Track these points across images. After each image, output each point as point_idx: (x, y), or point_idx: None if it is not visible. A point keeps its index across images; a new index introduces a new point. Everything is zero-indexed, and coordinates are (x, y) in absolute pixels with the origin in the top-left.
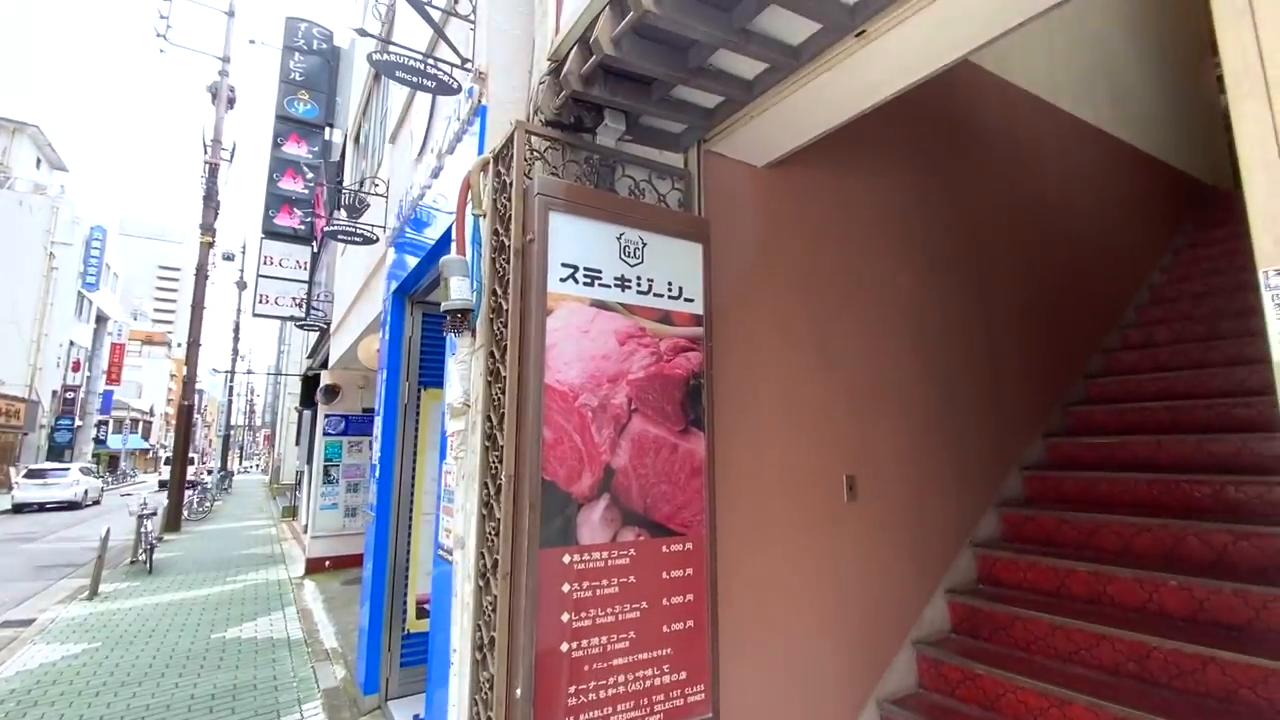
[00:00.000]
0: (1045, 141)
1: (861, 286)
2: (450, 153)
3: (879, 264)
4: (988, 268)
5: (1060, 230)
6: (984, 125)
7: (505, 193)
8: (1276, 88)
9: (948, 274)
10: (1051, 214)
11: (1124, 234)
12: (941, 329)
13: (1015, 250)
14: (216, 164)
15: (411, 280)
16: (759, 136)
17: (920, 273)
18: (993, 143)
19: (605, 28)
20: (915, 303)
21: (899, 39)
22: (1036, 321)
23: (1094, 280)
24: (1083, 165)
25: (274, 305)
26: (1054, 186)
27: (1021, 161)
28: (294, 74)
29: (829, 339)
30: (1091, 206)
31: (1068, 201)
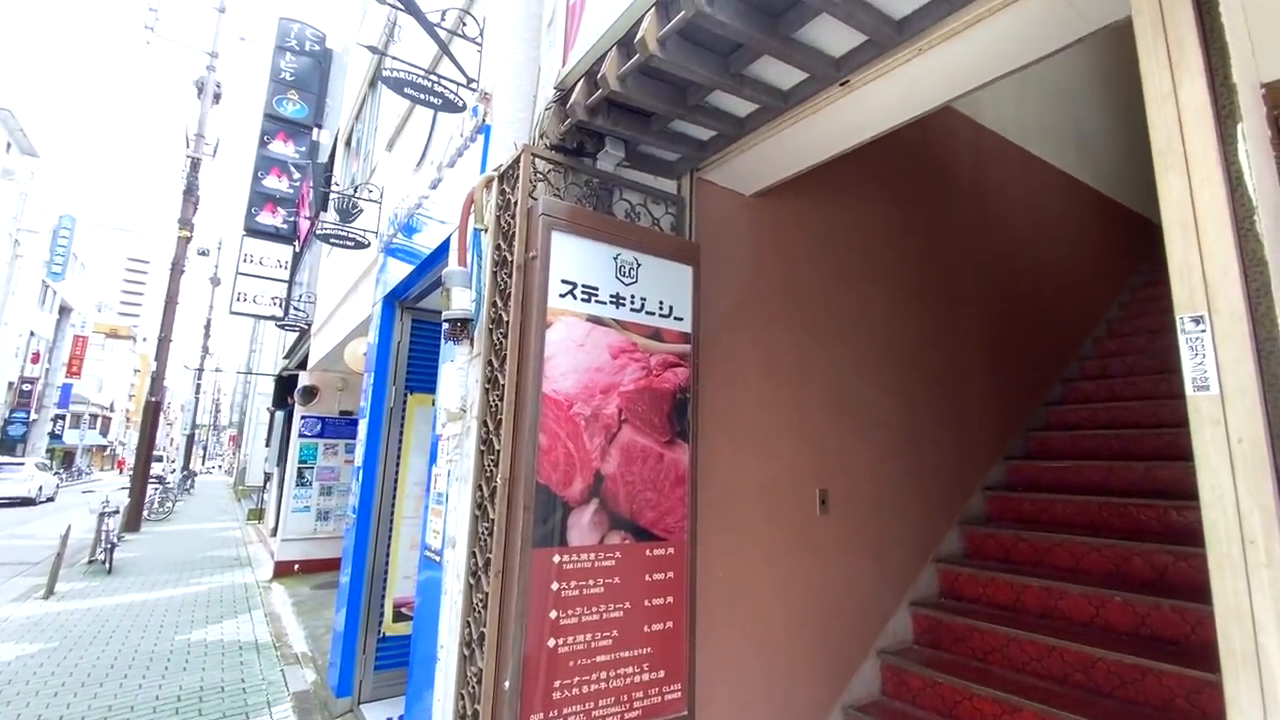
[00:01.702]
0: (1012, 181)
1: (838, 311)
2: (451, 166)
3: (855, 291)
4: (956, 298)
5: (1025, 265)
6: (956, 163)
7: (509, 210)
8: (1193, 163)
9: (919, 303)
10: (1017, 249)
11: (1084, 271)
12: (912, 355)
13: (982, 282)
14: (199, 159)
15: (403, 287)
16: (748, 167)
17: (893, 301)
18: (964, 180)
19: (612, 65)
20: (888, 329)
21: (879, 89)
22: (1001, 350)
23: (1056, 313)
24: (1047, 204)
25: (252, 303)
26: (1020, 224)
27: (990, 199)
28: (284, 74)
29: (807, 360)
30: (1054, 244)
31: (1032, 238)
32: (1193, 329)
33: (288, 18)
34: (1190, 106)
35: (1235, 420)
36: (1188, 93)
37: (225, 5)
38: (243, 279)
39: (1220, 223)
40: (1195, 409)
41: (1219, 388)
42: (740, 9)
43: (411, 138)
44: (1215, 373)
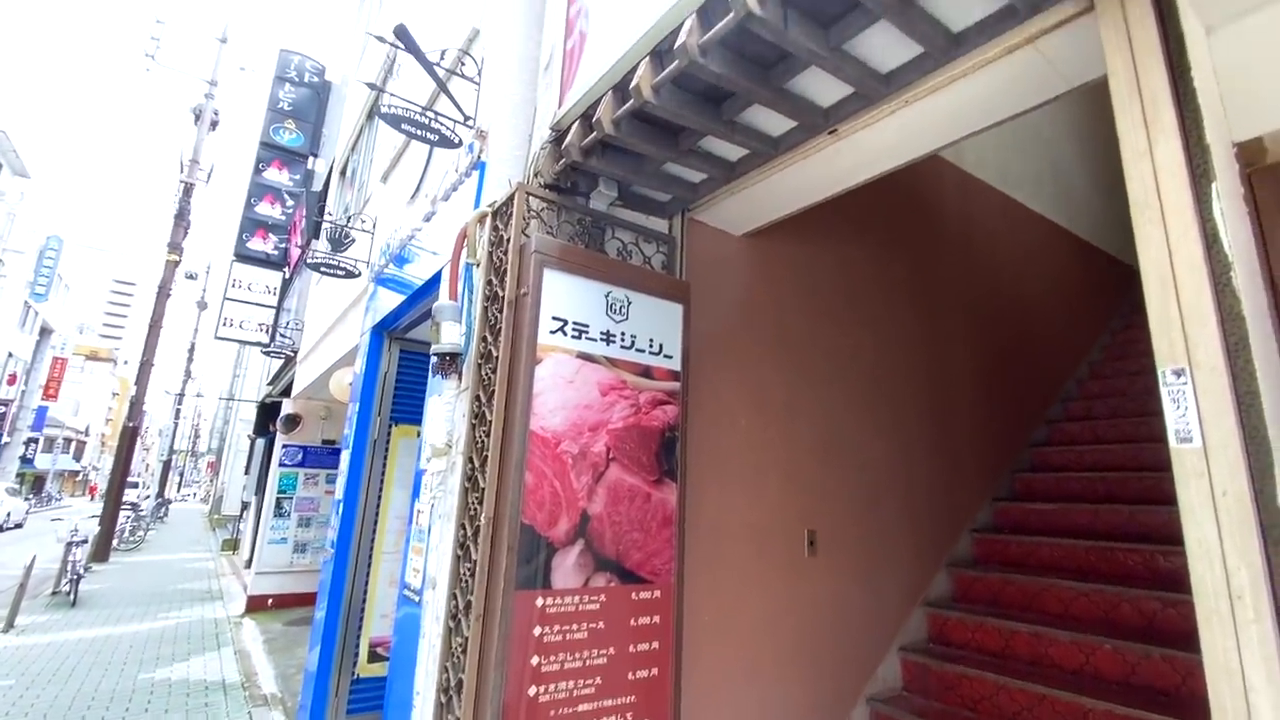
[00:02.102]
0: (997, 225)
1: (826, 352)
2: (445, 200)
3: (843, 331)
4: (943, 339)
5: (1009, 307)
6: (941, 207)
7: (502, 247)
8: (1170, 219)
9: (906, 344)
10: (1001, 292)
11: (1067, 313)
12: (899, 396)
13: (968, 324)
14: (192, 184)
15: (392, 318)
16: (738, 209)
17: (881, 341)
18: (949, 223)
19: (607, 109)
20: (875, 370)
21: (867, 138)
22: (987, 392)
23: (1040, 355)
24: (1030, 248)
25: (238, 329)
26: (1003, 266)
27: (974, 242)
28: (282, 103)
29: (795, 399)
30: (1037, 287)
31: (1015, 281)
32: (1174, 381)
33: (288, 50)
34: (1166, 165)
35: (1219, 474)
36: (1163, 151)
37: (227, 36)
38: (230, 304)
39: (1198, 278)
40: (1179, 461)
41: (1202, 441)
42: (733, 60)
43: (407, 171)
44: (1198, 425)
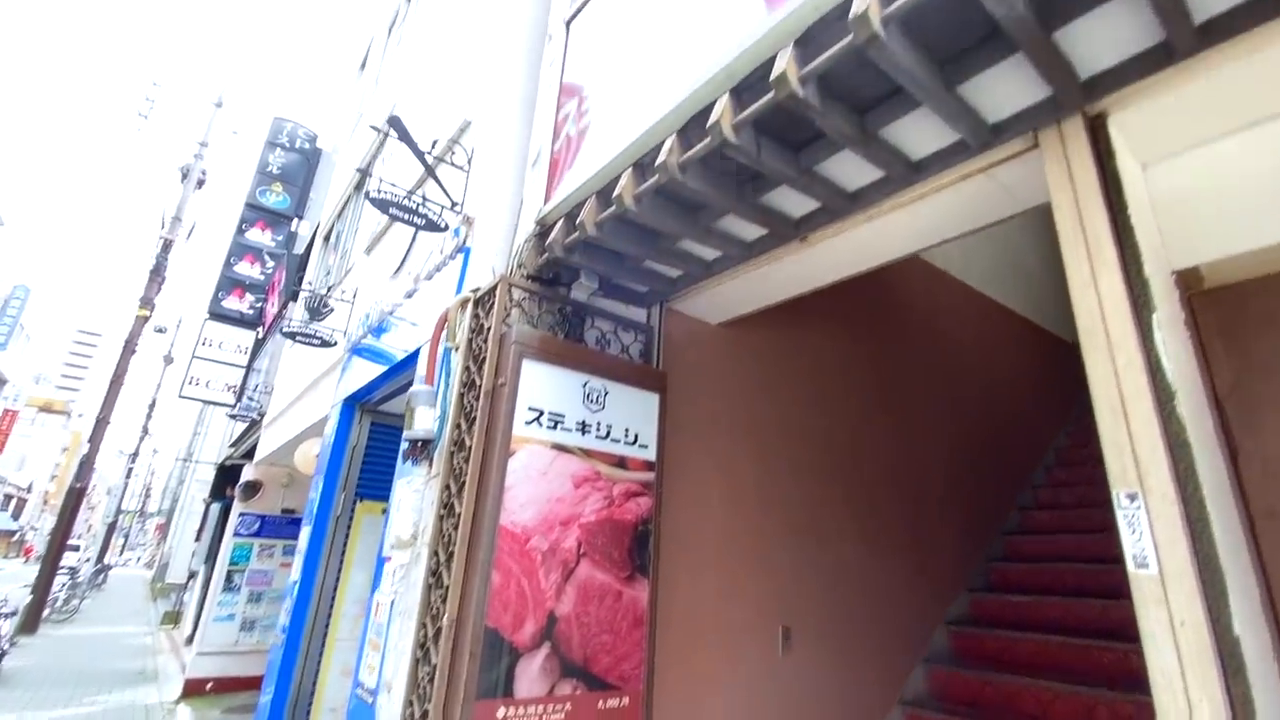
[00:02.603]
0: (963, 315)
1: (801, 440)
2: (428, 279)
3: (817, 419)
4: (913, 427)
5: (977, 395)
6: (911, 299)
7: (482, 335)
8: (1116, 348)
9: (878, 432)
10: (970, 380)
11: (1033, 400)
12: (873, 484)
13: (937, 412)
14: (172, 240)
15: (366, 390)
16: (714, 300)
17: (854, 430)
18: (918, 314)
19: (590, 213)
20: (849, 459)
21: (835, 246)
22: (959, 479)
23: (1009, 442)
24: (995, 338)
25: (204, 388)
26: (971, 355)
27: (942, 331)
28: (271, 167)
29: (770, 488)
30: (1004, 375)
31: (983, 369)
32: (1129, 505)
33: (282, 117)
34: (1109, 296)
35: (1176, 603)
36: (1106, 283)
37: (223, 100)
38: (198, 363)
39: (1144, 405)
40: (1138, 587)
41: (1158, 568)
42: (709, 176)
43: (391, 245)
44: (1154, 552)
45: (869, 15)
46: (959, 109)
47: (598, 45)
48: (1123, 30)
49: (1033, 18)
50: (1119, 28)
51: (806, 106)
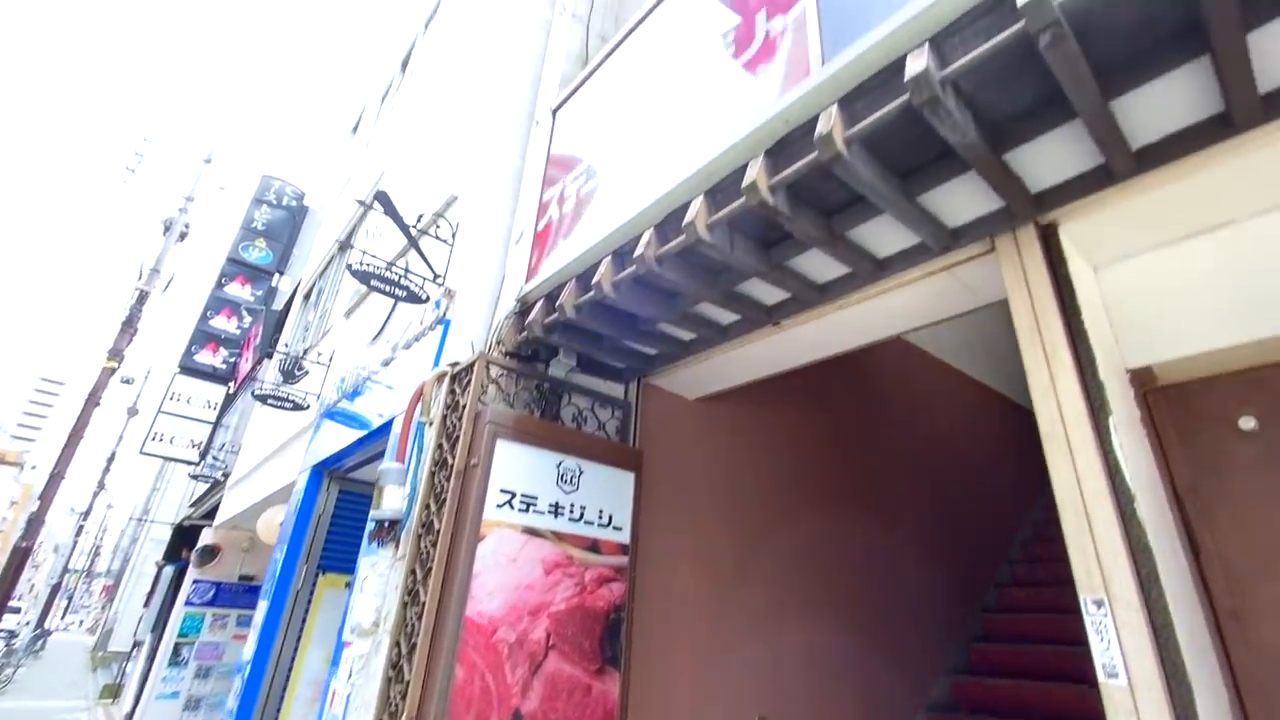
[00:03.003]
0: (936, 390)
1: (778, 519)
2: (406, 349)
3: (794, 496)
4: (891, 503)
5: (951, 467)
6: (886, 373)
7: (457, 412)
8: (1077, 452)
9: (856, 508)
10: (943, 452)
11: (1005, 474)
12: (851, 566)
13: (915, 488)
14: (148, 292)
15: (337, 457)
16: (691, 377)
17: (831, 507)
18: (893, 388)
19: (570, 296)
20: (827, 537)
21: (807, 331)
22: (937, 556)
23: (985, 517)
24: (967, 411)
25: (168, 444)
26: (945, 429)
27: (917, 406)
28: (256, 223)
29: (746, 572)
30: (977, 449)
31: (956, 442)
32: (1095, 612)
33: (270, 175)
34: (1068, 400)
35: (1147, 714)
36: (1064, 387)
37: (212, 157)
38: (164, 418)
39: (1106, 509)
40: (1109, 697)
41: (1127, 678)
42: (685, 268)
43: (371, 311)
44: (1122, 661)
45: (833, 136)
46: (920, 216)
47: (582, 135)
48: (1067, 154)
49: (983, 143)
50: (1064, 152)
51: (776, 212)
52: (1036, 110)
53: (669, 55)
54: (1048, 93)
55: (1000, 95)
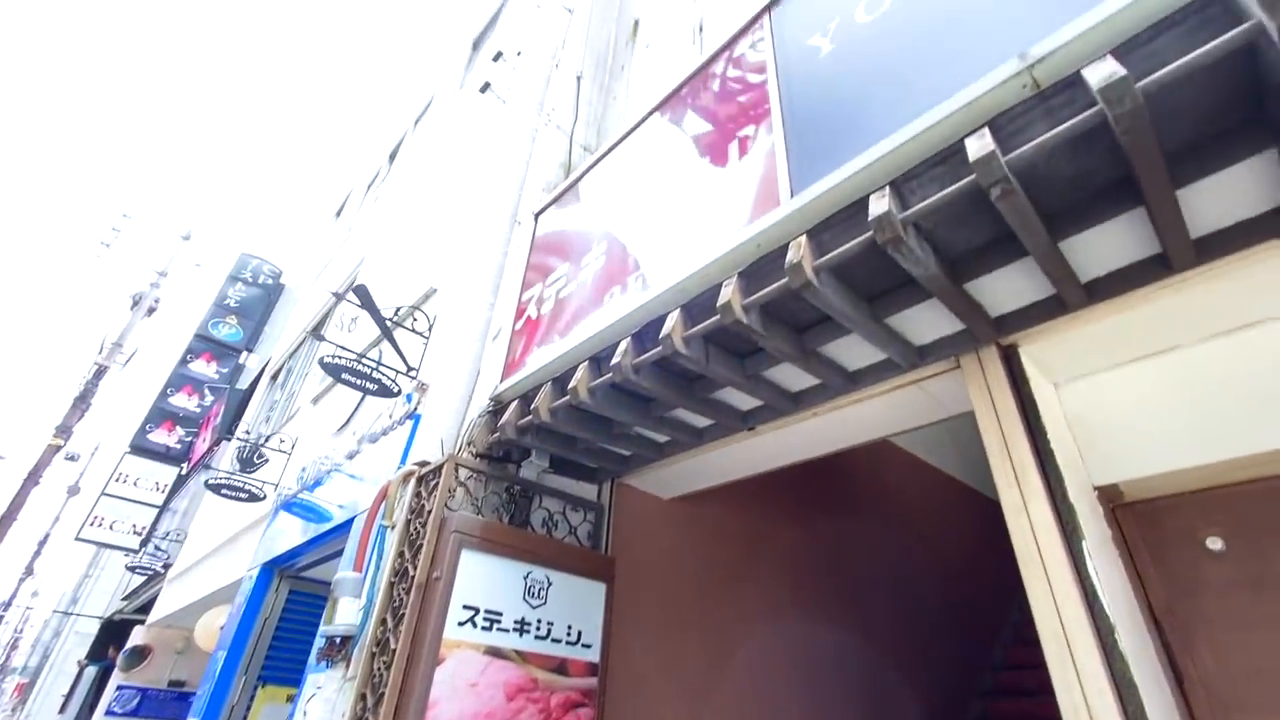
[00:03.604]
0: (914, 486)
1: (752, 623)
2: (373, 443)
3: (768, 599)
4: (869, 605)
5: (931, 569)
6: (862, 470)
7: (422, 517)
8: (1053, 577)
9: (836, 611)
10: (921, 553)
11: (990, 562)
12: (832, 676)
13: (894, 589)
14: (107, 367)
15: (290, 554)
16: (666, 477)
17: (808, 609)
18: (870, 485)
19: (545, 399)
20: (800, 642)
21: (782, 437)
22: (918, 662)
23: (970, 606)
24: (946, 509)
25: (108, 530)
26: (922, 527)
27: (894, 503)
28: (229, 300)
29: (720, 683)
30: (958, 547)
31: (935, 541)
32: None
33: (249, 253)
34: (1040, 523)
35: None
36: (1035, 509)
37: (191, 234)
38: (106, 501)
39: (1087, 642)
40: None
41: None
42: (660, 376)
43: (339, 399)
44: None
45: (803, 266)
46: (887, 336)
47: (563, 239)
48: (1023, 285)
49: (944, 275)
50: (1020, 283)
51: (750, 330)
52: (992, 247)
53: (647, 171)
54: (1002, 232)
55: (958, 233)
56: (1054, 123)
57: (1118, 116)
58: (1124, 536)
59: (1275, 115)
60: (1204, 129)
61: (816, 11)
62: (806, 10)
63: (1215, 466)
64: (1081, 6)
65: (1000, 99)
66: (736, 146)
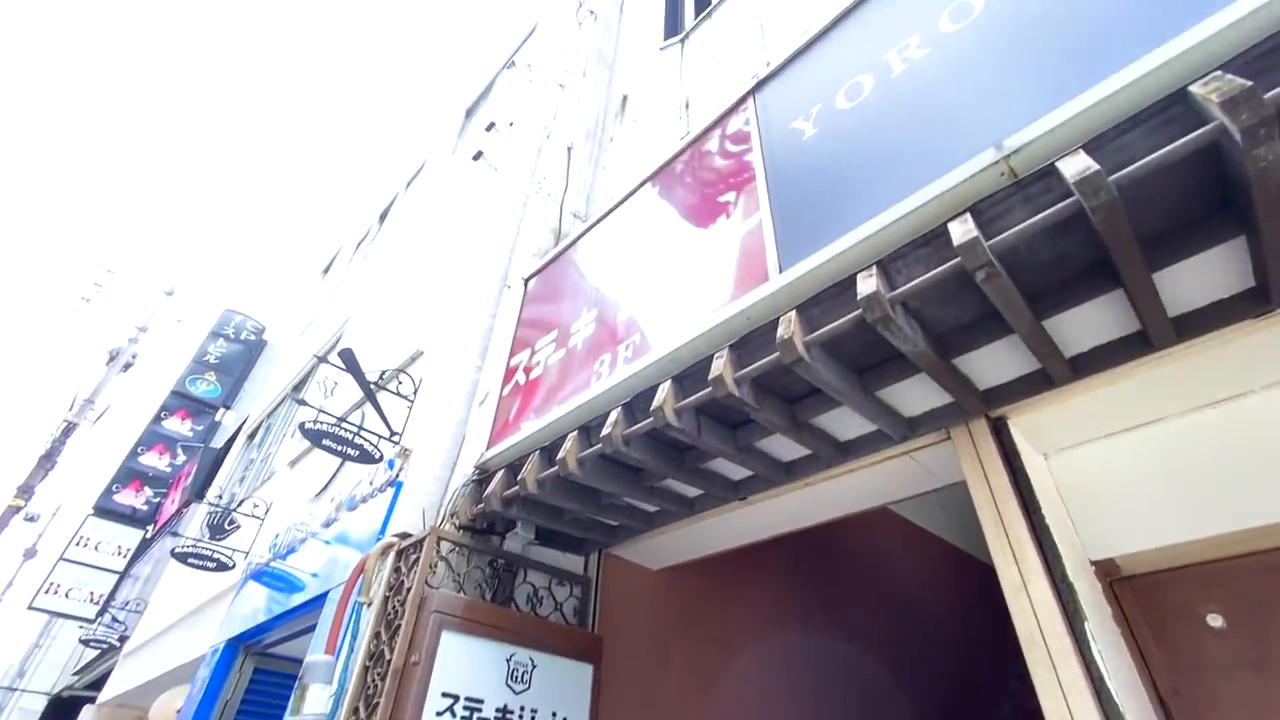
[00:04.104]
0: (912, 553)
1: (744, 699)
2: (352, 510)
3: (760, 671)
4: (865, 670)
5: (930, 629)
6: (858, 537)
7: (400, 595)
8: (1058, 661)
9: (832, 682)
10: (920, 615)
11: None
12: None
13: (892, 658)
14: (77, 424)
15: (257, 630)
16: (656, 548)
17: (805, 683)
18: (865, 552)
19: (532, 469)
20: (801, 716)
21: (774, 506)
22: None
23: (968, 670)
24: (945, 577)
25: (63, 598)
26: (921, 596)
27: (892, 571)
28: (209, 356)
29: None
30: (950, 606)
31: (931, 602)
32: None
33: (233, 309)
34: (1041, 602)
35: None
36: (1036, 589)
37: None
38: (64, 567)
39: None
40: None
41: None
42: (651, 447)
43: (318, 463)
44: None
45: (794, 341)
46: (878, 409)
47: (553, 305)
48: (1010, 360)
49: (932, 351)
50: (1007, 358)
51: (742, 403)
52: (978, 324)
53: (637, 241)
54: (987, 310)
55: (944, 311)
56: (1033, 209)
57: (1094, 208)
58: (1124, 613)
59: (1241, 206)
60: (1176, 217)
61: (798, 97)
62: (789, 95)
63: (1209, 541)
64: (1051, 102)
65: (980, 186)
66: (724, 220)
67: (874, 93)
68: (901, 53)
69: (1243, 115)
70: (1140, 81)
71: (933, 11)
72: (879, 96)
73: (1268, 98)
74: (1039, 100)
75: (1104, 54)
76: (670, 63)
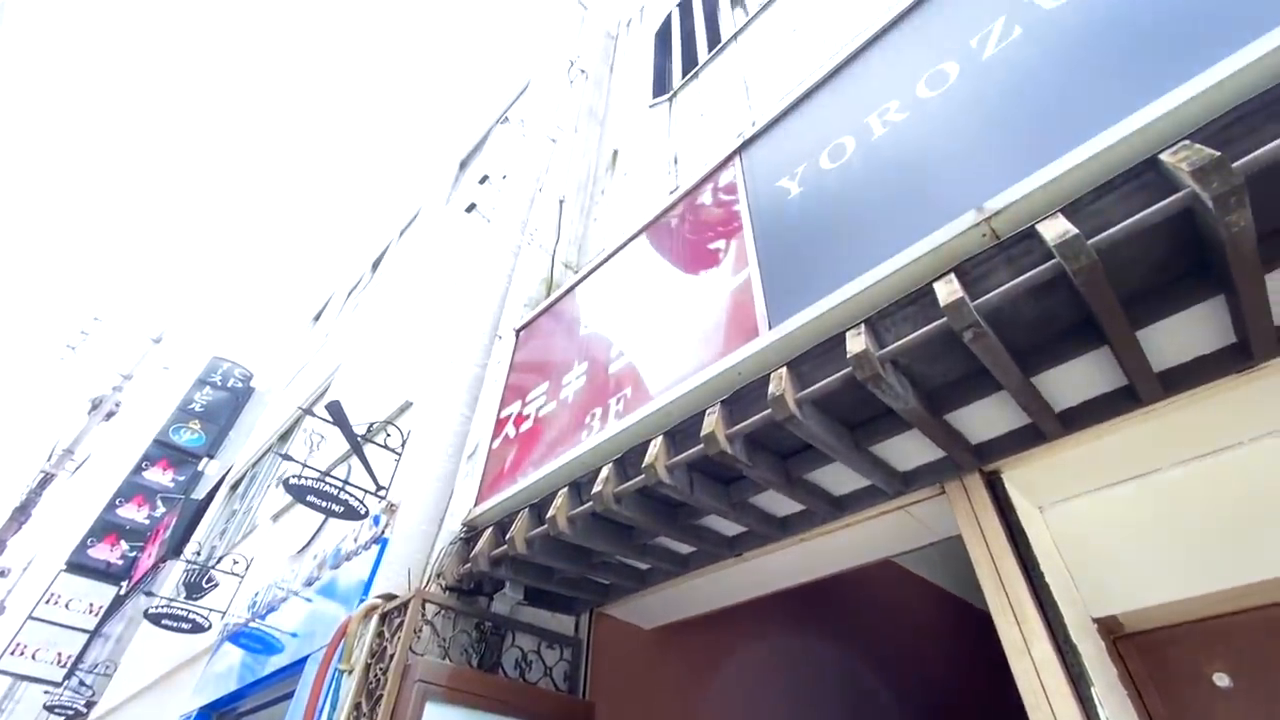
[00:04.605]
0: (903, 601)
1: None
2: (335, 568)
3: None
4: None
5: (931, 681)
6: (857, 589)
7: (383, 662)
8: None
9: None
10: (919, 667)
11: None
12: None
13: (890, 703)
14: (54, 475)
15: (232, 696)
16: (648, 607)
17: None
18: (857, 603)
19: (521, 528)
20: None
21: (769, 563)
22: None
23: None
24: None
25: (29, 660)
26: (917, 642)
27: (893, 624)
28: (194, 404)
29: None
30: (951, 656)
31: (931, 655)
32: None
33: (220, 357)
34: (1044, 664)
35: None
36: (1038, 650)
37: (162, 337)
38: (32, 626)
39: None
40: None
41: None
42: (643, 504)
43: (301, 518)
44: None
45: (785, 399)
46: (871, 464)
47: (544, 358)
48: (1000, 415)
49: (923, 408)
50: (998, 414)
51: (735, 460)
52: (968, 380)
53: (628, 294)
54: (975, 367)
55: (934, 368)
56: (1015, 270)
57: (1075, 270)
58: (1130, 673)
59: (1218, 267)
60: (1156, 277)
61: (784, 157)
62: (774, 154)
63: (1211, 596)
64: (1028, 166)
65: (963, 246)
66: (714, 275)
67: (856, 154)
68: (882, 116)
69: (1213, 184)
70: (1114, 148)
71: (910, 79)
72: (862, 157)
73: (1236, 166)
74: (1016, 164)
75: (1076, 119)
76: (659, 120)
